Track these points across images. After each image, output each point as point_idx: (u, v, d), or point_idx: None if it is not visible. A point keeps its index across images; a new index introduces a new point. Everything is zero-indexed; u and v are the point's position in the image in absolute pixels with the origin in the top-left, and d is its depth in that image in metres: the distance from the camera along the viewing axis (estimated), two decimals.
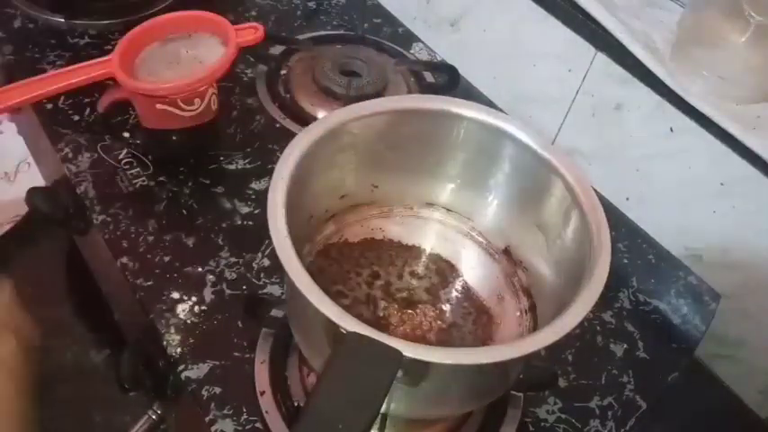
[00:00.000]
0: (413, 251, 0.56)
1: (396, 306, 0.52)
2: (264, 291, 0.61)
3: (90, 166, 0.68)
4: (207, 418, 0.52)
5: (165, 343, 0.56)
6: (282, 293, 0.60)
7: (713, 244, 0.67)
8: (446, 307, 0.53)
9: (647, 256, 0.70)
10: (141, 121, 0.64)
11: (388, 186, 0.55)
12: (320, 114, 0.76)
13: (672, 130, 0.65)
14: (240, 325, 0.58)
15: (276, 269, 0.62)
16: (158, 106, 0.61)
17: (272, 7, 0.93)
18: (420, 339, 0.51)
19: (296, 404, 0.53)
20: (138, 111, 0.64)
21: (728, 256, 0.66)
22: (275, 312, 0.57)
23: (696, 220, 0.67)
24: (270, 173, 0.43)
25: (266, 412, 0.52)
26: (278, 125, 0.76)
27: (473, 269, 0.55)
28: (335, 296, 0.51)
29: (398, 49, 0.89)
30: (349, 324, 0.36)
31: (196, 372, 0.54)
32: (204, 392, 0.53)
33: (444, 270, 0.55)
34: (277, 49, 0.85)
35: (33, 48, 0.79)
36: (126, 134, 0.69)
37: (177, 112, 0.62)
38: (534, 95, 0.79)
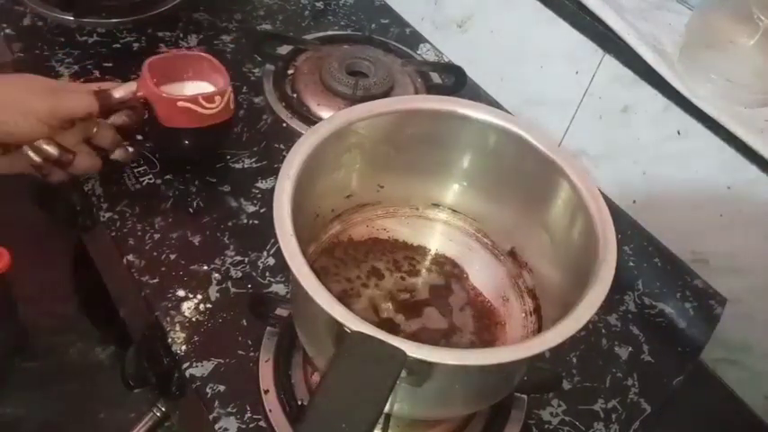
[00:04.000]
0: (418, 251, 0.56)
1: (400, 306, 0.52)
2: (269, 289, 0.61)
3: None
4: (211, 416, 0.52)
5: (169, 340, 0.56)
6: (287, 292, 0.61)
7: (720, 248, 0.66)
8: (450, 308, 0.53)
9: (652, 260, 0.70)
10: (160, 121, 0.63)
11: (393, 187, 0.55)
12: (327, 114, 0.77)
13: (679, 132, 0.65)
14: (245, 323, 0.58)
15: (281, 268, 0.62)
16: (180, 104, 0.62)
17: (279, 7, 0.94)
18: (424, 339, 0.51)
19: (299, 403, 0.53)
20: (159, 111, 0.63)
21: (735, 261, 0.66)
22: (280, 311, 0.57)
23: (703, 224, 0.67)
24: (276, 172, 0.43)
25: (270, 411, 0.53)
26: (284, 125, 0.76)
27: (478, 270, 0.55)
28: (340, 295, 0.51)
29: (405, 49, 0.89)
30: (353, 323, 0.36)
31: (200, 369, 0.54)
32: (208, 390, 0.53)
33: (449, 271, 0.55)
34: (284, 49, 0.85)
35: (42, 45, 0.79)
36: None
37: (198, 110, 0.62)
38: (541, 97, 0.79)
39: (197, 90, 0.66)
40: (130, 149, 0.64)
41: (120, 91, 0.60)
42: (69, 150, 0.58)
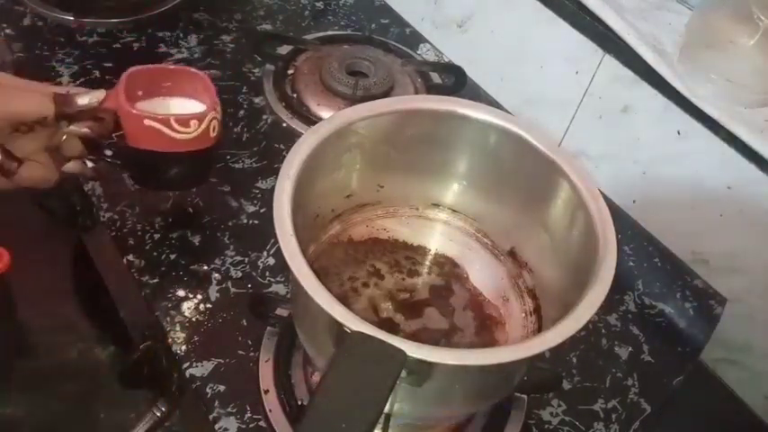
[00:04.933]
0: (418, 251, 0.56)
1: (400, 306, 0.52)
2: (269, 289, 0.61)
3: None
4: (211, 416, 0.52)
5: (170, 340, 0.56)
6: (287, 292, 0.61)
7: (720, 248, 0.66)
8: (450, 308, 0.53)
9: (652, 259, 0.70)
10: (126, 139, 0.55)
11: (393, 186, 0.55)
12: (327, 114, 0.77)
13: (679, 132, 0.65)
14: (245, 323, 0.58)
15: (281, 268, 0.62)
16: (147, 123, 0.53)
17: (279, 7, 0.94)
18: (424, 339, 0.51)
19: (299, 403, 0.53)
20: (125, 127, 0.54)
21: (735, 260, 0.66)
22: (280, 311, 0.57)
23: (703, 224, 0.67)
24: (276, 172, 0.43)
25: (270, 411, 0.53)
26: (284, 125, 0.76)
27: (478, 270, 0.55)
28: (340, 295, 0.51)
29: (405, 49, 0.89)
30: (353, 323, 0.36)
31: (201, 369, 0.54)
32: (208, 390, 0.53)
33: (449, 271, 0.55)
34: (284, 49, 0.85)
35: (42, 46, 0.79)
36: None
37: (169, 132, 0.54)
38: (541, 97, 0.79)
39: (183, 109, 0.57)
40: (89, 164, 0.56)
41: (84, 98, 0.52)
42: (14, 157, 0.50)
